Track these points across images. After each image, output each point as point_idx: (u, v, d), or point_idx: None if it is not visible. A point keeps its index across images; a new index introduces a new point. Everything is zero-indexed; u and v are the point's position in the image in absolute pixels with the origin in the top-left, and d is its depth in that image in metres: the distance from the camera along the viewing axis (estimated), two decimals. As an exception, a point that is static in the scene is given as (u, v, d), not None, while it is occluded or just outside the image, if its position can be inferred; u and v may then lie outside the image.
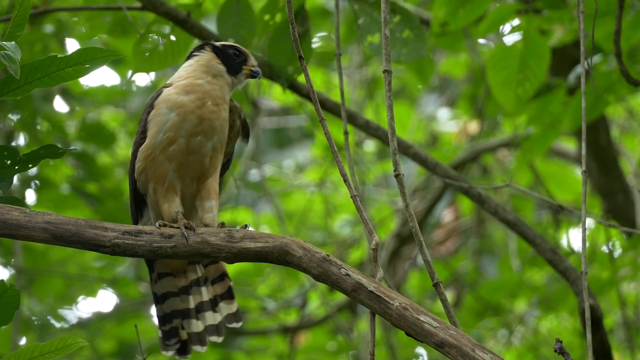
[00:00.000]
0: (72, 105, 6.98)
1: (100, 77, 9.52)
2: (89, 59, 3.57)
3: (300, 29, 4.58)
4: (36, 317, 6.96)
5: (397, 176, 3.73)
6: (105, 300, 8.31)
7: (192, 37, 4.65)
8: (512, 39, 5.13)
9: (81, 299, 7.33)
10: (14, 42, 3.49)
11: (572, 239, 7.38)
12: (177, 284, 3.91)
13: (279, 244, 3.54)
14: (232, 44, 3.93)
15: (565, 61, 5.84)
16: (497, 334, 7.48)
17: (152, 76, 6.96)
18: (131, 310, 7.35)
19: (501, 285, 6.88)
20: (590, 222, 6.60)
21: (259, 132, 7.46)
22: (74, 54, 3.56)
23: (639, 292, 6.71)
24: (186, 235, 3.56)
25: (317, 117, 3.65)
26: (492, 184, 7.15)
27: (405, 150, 4.65)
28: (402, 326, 3.45)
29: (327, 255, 3.52)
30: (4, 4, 5.69)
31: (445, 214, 8.25)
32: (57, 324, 7.10)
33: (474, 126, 7.89)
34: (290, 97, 7.25)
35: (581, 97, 4.00)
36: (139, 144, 3.76)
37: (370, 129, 4.68)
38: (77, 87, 7.11)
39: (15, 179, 3.68)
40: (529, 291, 6.91)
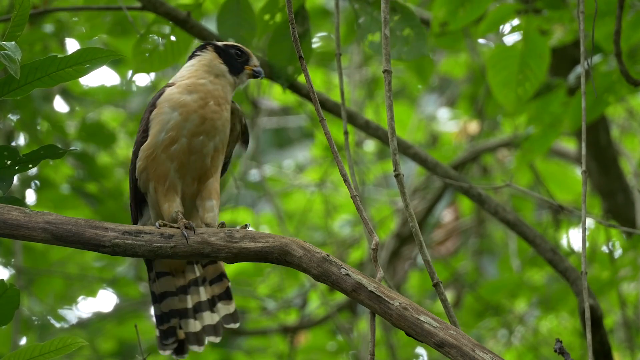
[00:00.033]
0: (72, 105, 6.97)
1: (100, 77, 9.53)
2: (89, 59, 3.57)
3: (300, 29, 4.58)
4: (36, 317, 6.96)
5: (397, 176, 3.73)
6: (105, 300, 8.31)
7: (192, 37, 4.64)
8: (512, 39, 5.14)
9: (81, 299, 7.33)
10: (14, 42, 3.49)
11: (572, 239, 7.39)
12: (175, 283, 3.91)
13: (279, 244, 3.54)
14: (234, 44, 3.92)
15: (565, 61, 5.83)
16: (497, 334, 7.48)
17: (152, 76, 6.97)
18: (131, 310, 7.34)
19: (501, 285, 6.88)
20: (590, 222, 6.59)
21: (259, 132, 7.46)
22: (74, 54, 3.56)
23: (639, 292, 6.70)
24: (186, 235, 3.55)
25: (317, 117, 3.64)
26: (492, 184, 7.15)
27: (405, 150, 4.65)
28: (402, 326, 3.45)
29: (327, 255, 3.52)
30: (4, 4, 5.69)
31: (445, 214, 8.25)
32: (57, 324, 7.10)
33: (474, 126, 7.89)
34: (290, 97, 7.25)
35: (581, 97, 4.00)
36: (140, 142, 3.75)
37: (370, 129, 4.67)
38: (77, 87, 7.11)
39: (15, 179, 3.68)
40: (529, 291, 6.90)
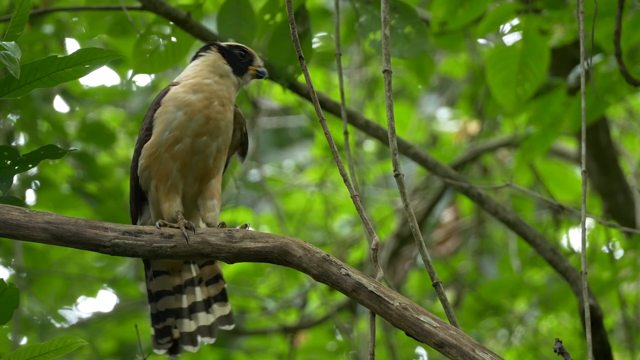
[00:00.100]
0: (72, 105, 6.97)
1: (100, 77, 9.53)
2: (89, 59, 3.57)
3: (300, 29, 4.58)
4: (36, 317, 6.95)
5: (397, 176, 3.72)
6: (105, 300, 8.31)
7: (193, 38, 4.64)
8: (512, 39, 5.14)
9: (81, 299, 7.32)
10: (14, 42, 3.49)
11: (572, 239, 7.39)
12: (172, 282, 3.90)
13: (279, 244, 3.54)
14: (238, 44, 3.91)
15: (565, 61, 5.83)
16: (497, 334, 7.48)
17: (152, 76, 6.96)
18: (131, 310, 7.34)
19: (501, 285, 6.88)
20: (590, 222, 6.60)
21: (259, 132, 7.46)
22: (74, 54, 3.56)
23: (639, 293, 6.70)
24: (186, 235, 3.55)
25: (317, 117, 3.64)
26: (492, 184, 7.15)
27: (405, 150, 4.65)
28: (402, 326, 3.45)
29: (327, 255, 3.52)
30: (4, 4, 5.69)
31: (445, 214, 8.24)
32: (57, 324, 7.10)
33: (474, 126, 7.89)
34: (290, 97, 7.25)
35: (582, 98, 4.00)
36: (143, 140, 3.74)
37: (370, 129, 4.67)
38: (77, 87, 7.11)
39: (15, 179, 3.68)
40: (529, 291, 6.90)
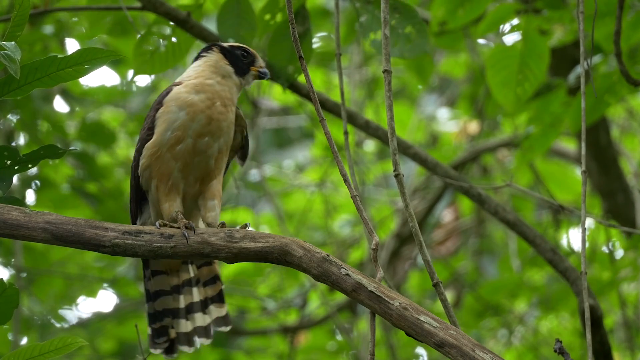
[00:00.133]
0: (72, 105, 6.97)
1: (100, 77, 9.53)
2: (89, 59, 3.57)
3: (300, 29, 4.58)
4: (36, 317, 6.95)
5: (397, 176, 3.72)
6: (105, 300, 8.31)
7: (193, 39, 4.64)
8: (512, 39, 5.14)
9: (81, 299, 7.32)
10: (14, 42, 3.49)
11: (572, 239, 7.39)
12: (169, 282, 3.90)
13: (279, 244, 3.54)
14: (240, 45, 3.90)
15: (565, 61, 5.83)
16: (497, 334, 7.48)
17: (152, 76, 6.96)
18: (131, 310, 7.34)
19: (501, 285, 6.88)
20: (590, 222, 6.60)
21: (259, 132, 7.46)
22: (74, 54, 3.56)
23: (639, 293, 6.70)
24: (186, 235, 3.55)
25: (317, 117, 3.64)
26: (492, 184, 7.15)
27: (405, 150, 4.65)
28: (402, 326, 3.45)
29: (327, 255, 3.51)
30: (4, 4, 5.69)
31: (445, 214, 8.24)
32: (57, 324, 7.10)
33: (474, 126, 7.89)
34: (290, 97, 7.25)
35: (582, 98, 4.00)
36: (145, 140, 3.74)
37: (370, 129, 4.67)
38: (77, 87, 7.11)
39: (15, 179, 3.68)
40: (529, 291, 6.90)
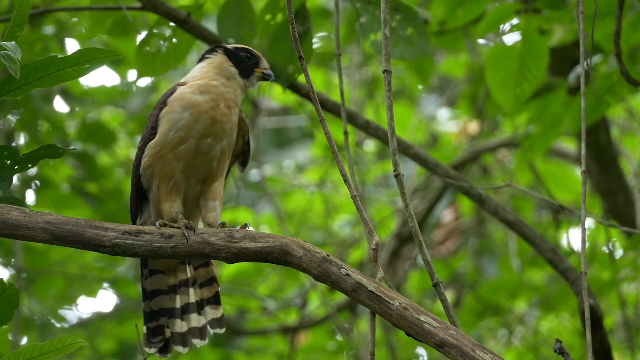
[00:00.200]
0: (72, 105, 6.97)
1: (100, 77, 9.53)
2: (89, 59, 3.57)
3: (301, 29, 4.58)
4: (36, 317, 6.95)
5: (397, 176, 3.72)
6: (105, 300, 8.31)
7: (193, 39, 4.64)
8: (511, 39, 5.14)
9: (81, 299, 7.32)
10: (14, 42, 3.49)
11: (572, 239, 7.39)
12: (167, 282, 3.90)
13: (279, 244, 3.54)
14: (244, 46, 3.90)
15: (565, 61, 5.83)
16: (497, 334, 7.48)
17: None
18: (131, 310, 7.34)
19: (501, 285, 6.88)
20: (590, 222, 6.60)
21: (259, 132, 7.46)
22: (74, 54, 3.56)
23: (639, 293, 6.70)
24: (186, 235, 3.55)
25: (317, 117, 3.64)
26: (492, 184, 7.15)
27: (405, 150, 4.65)
28: (402, 326, 3.45)
29: (327, 255, 3.51)
30: (4, 4, 5.69)
31: (445, 214, 8.24)
32: (57, 324, 7.10)
33: (474, 126, 7.89)
34: (290, 97, 7.25)
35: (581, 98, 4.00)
36: (147, 139, 3.74)
37: (370, 129, 4.67)
38: (77, 87, 7.11)
39: (15, 179, 3.68)
40: (529, 291, 6.90)
